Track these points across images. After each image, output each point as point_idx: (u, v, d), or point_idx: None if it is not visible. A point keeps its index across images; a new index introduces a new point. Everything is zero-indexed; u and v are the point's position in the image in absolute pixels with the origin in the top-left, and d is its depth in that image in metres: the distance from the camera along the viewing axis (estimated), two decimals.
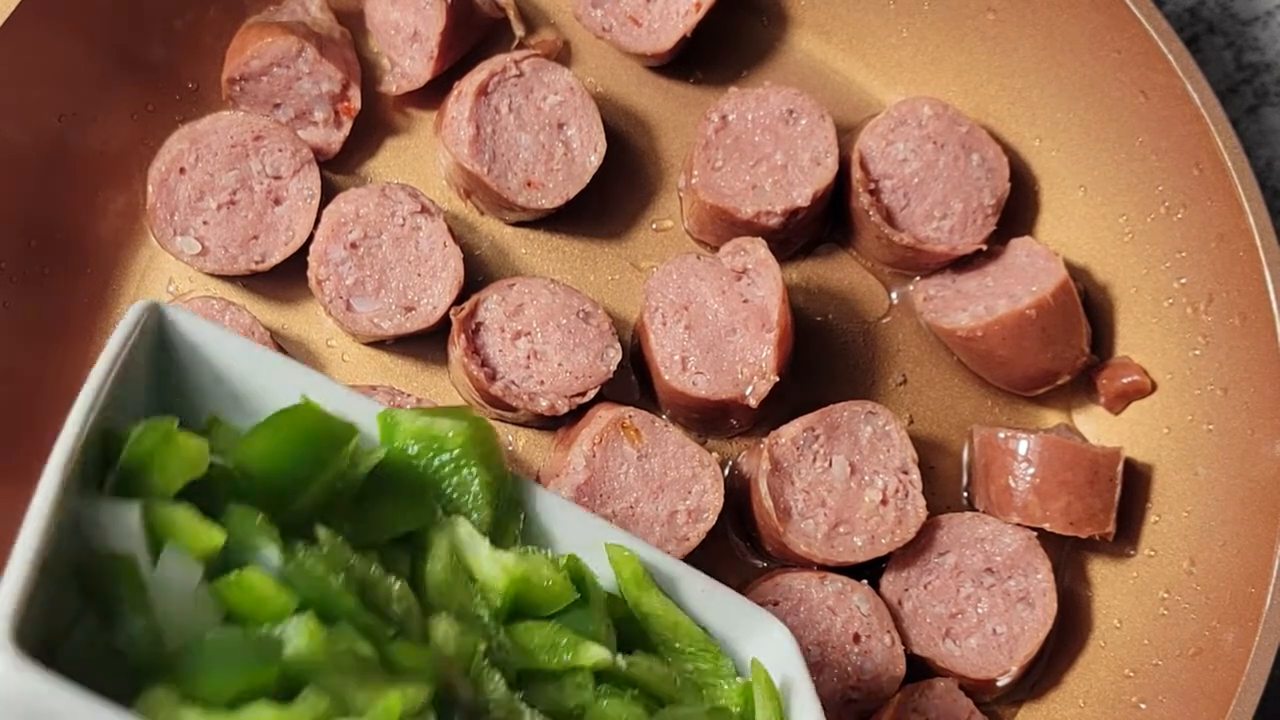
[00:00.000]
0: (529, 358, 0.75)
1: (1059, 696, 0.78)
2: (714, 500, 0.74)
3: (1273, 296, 0.73)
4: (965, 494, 0.80)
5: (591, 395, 0.75)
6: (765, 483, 0.73)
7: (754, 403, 0.74)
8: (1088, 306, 0.79)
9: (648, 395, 0.79)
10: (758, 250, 0.76)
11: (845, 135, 0.81)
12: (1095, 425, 0.81)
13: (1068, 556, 0.79)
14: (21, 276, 0.75)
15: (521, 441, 0.78)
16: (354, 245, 0.76)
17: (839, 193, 0.80)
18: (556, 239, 0.81)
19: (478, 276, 0.79)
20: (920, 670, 0.75)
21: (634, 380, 0.79)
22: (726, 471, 0.78)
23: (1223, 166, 0.74)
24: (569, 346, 0.75)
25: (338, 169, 0.80)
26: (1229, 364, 0.76)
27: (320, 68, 0.77)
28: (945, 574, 0.76)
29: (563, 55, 0.84)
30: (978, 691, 0.75)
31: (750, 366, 0.74)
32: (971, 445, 0.80)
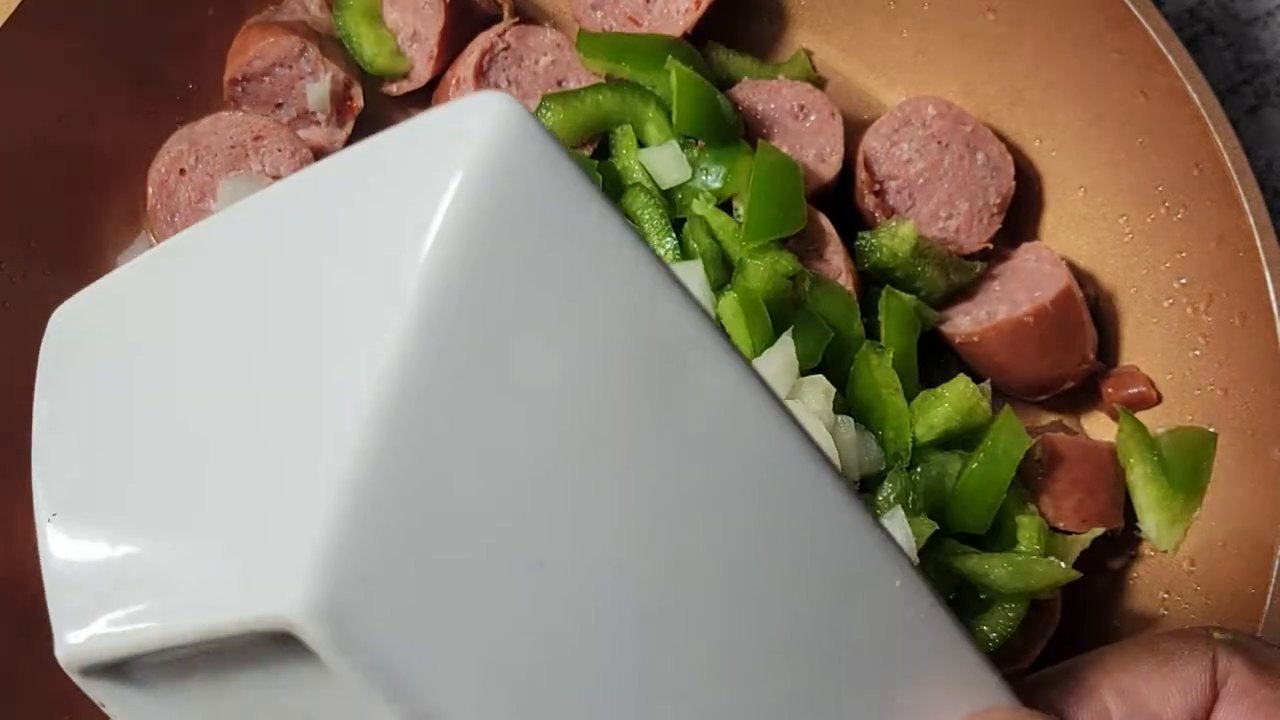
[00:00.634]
0: None
1: None
2: None
3: (1273, 298, 0.73)
4: None
5: None
6: None
7: None
8: (1093, 311, 0.79)
9: None
10: None
11: (846, 135, 0.80)
12: (1093, 424, 0.81)
13: None
14: (21, 278, 0.75)
15: None
16: None
17: (843, 193, 0.80)
18: None
19: None
20: None
21: None
22: None
23: (1223, 167, 0.74)
24: None
25: None
26: (1229, 365, 0.76)
27: (322, 67, 0.77)
28: None
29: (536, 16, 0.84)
30: None
31: None
32: None
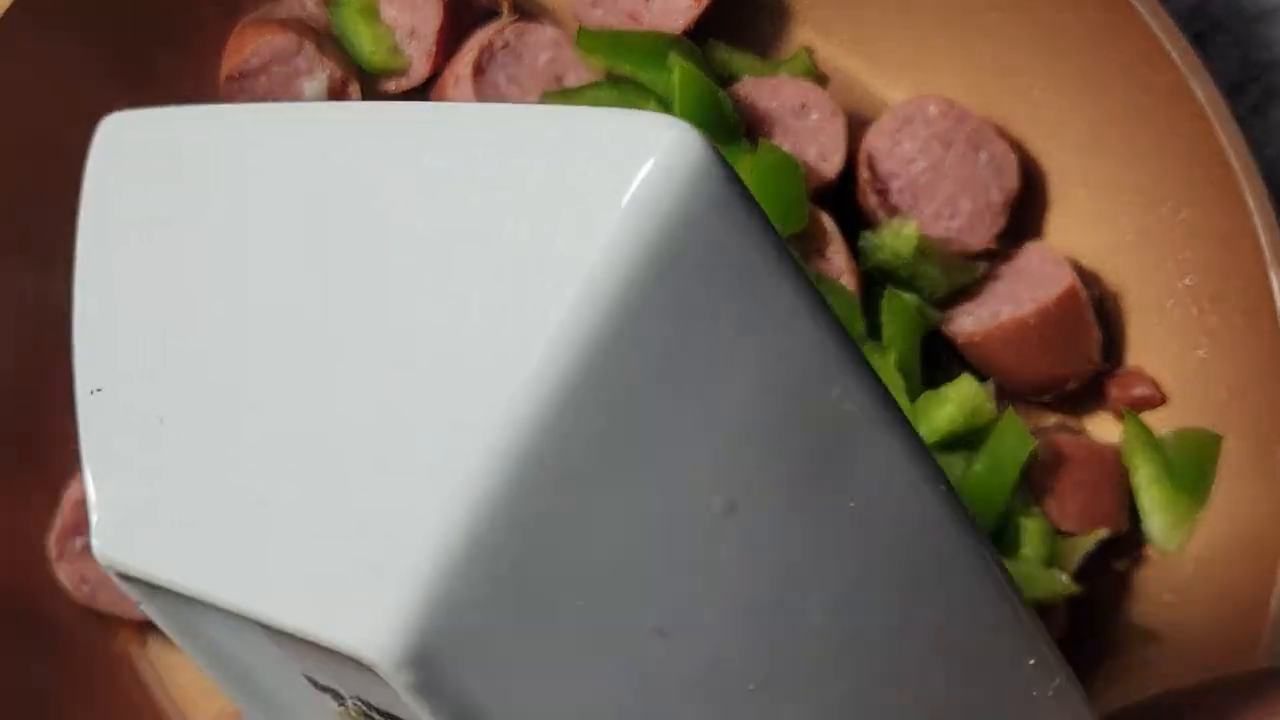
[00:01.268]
0: None
1: None
2: None
3: (1277, 297, 0.72)
4: None
5: None
6: None
7: None
8: (1098, 311, 0.79)
9: None
10: None
11: (848, 133, 0.80)
12: (1096, 425, 0.81)
13: None
14: (18, 276, 0.75)
15: None
16: None
17: (845, 192, 0.79)
18: None
19: None
20: None
21: None
22: None
23: (1228, 164, 0.73)
24: None
25: None
26: (1234, 365, 0.75)
27: (319, 64, 0.77)
28: None
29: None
30: None
31: None
32: None
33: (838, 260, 0.76)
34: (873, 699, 0.35)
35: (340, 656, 0.31)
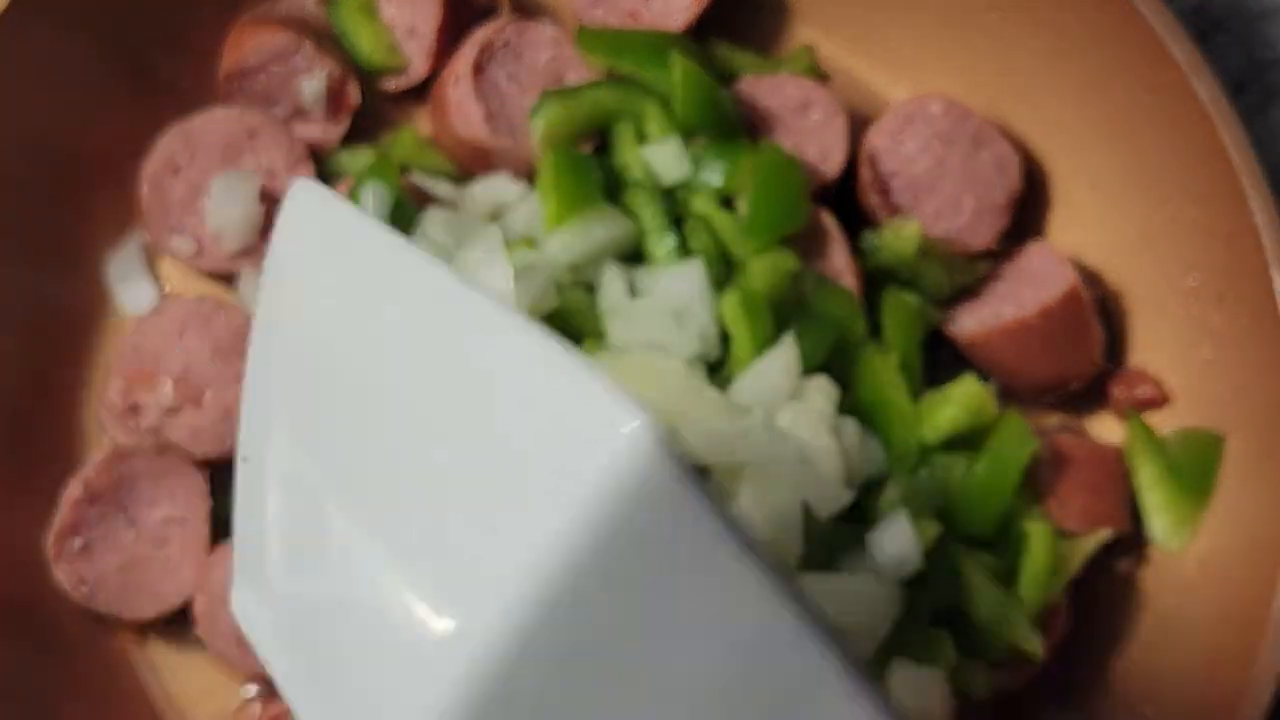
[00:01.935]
0: None
1: None
2: None
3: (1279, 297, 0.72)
4: None
5: None
6: None
7: None
8: (1101, 311, 0.79)
9: None
10: None
11: (849, 132, 0.80)
12: (1099, 425, 0.80)
13: None
14: (16, 276, 0.75)
15: None
16: None
17: (847, 191, 0.79)
18: None
19: None
20: None
21: None
22: None
23: (1230, 164, 0.73)
24: None
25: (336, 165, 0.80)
26: (1238, 365, 0.75)
27: (317, 63, 0.77)
28: None
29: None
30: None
31: None
32: None
33: (839, 260, 0.76)
34: None
35: None
